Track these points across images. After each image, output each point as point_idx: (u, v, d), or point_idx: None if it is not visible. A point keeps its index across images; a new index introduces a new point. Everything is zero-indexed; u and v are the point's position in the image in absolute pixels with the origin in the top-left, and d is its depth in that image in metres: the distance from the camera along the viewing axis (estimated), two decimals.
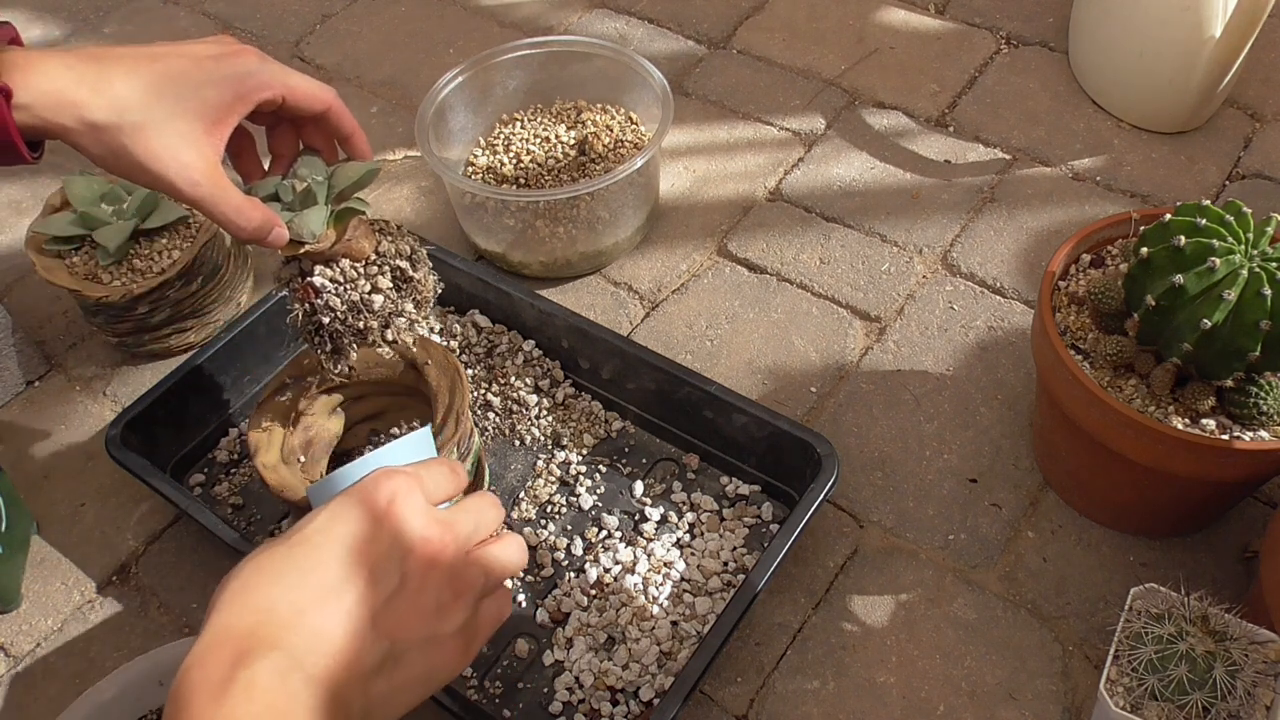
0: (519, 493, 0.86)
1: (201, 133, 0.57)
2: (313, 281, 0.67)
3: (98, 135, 0.55)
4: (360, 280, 0.68)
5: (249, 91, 0.59)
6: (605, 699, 0.74)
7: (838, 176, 1.11)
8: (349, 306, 0.68)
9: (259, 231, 0.61)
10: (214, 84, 0.58)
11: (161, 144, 0.56)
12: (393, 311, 0.69)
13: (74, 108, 0.54)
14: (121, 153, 0.55)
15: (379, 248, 0.69)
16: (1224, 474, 0.70)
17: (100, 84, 0.55)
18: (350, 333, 0.68)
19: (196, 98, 0.57)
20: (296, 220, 0.64)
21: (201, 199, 0.58)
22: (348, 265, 0.67)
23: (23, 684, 0.79)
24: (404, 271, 0.69)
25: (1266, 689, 0.63)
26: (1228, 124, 1.13)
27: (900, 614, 0.78)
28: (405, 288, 0.70)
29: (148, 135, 0.55)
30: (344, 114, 0.66)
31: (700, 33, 1.30)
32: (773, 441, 0.82)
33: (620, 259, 1.05)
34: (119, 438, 0.83)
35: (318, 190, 0.65)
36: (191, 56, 0.58)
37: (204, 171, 0.57)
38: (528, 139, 1.09)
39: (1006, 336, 0.95)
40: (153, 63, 0.57)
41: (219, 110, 0.58)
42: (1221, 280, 0.66)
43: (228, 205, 0.59)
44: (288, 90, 0.61)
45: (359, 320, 0.68)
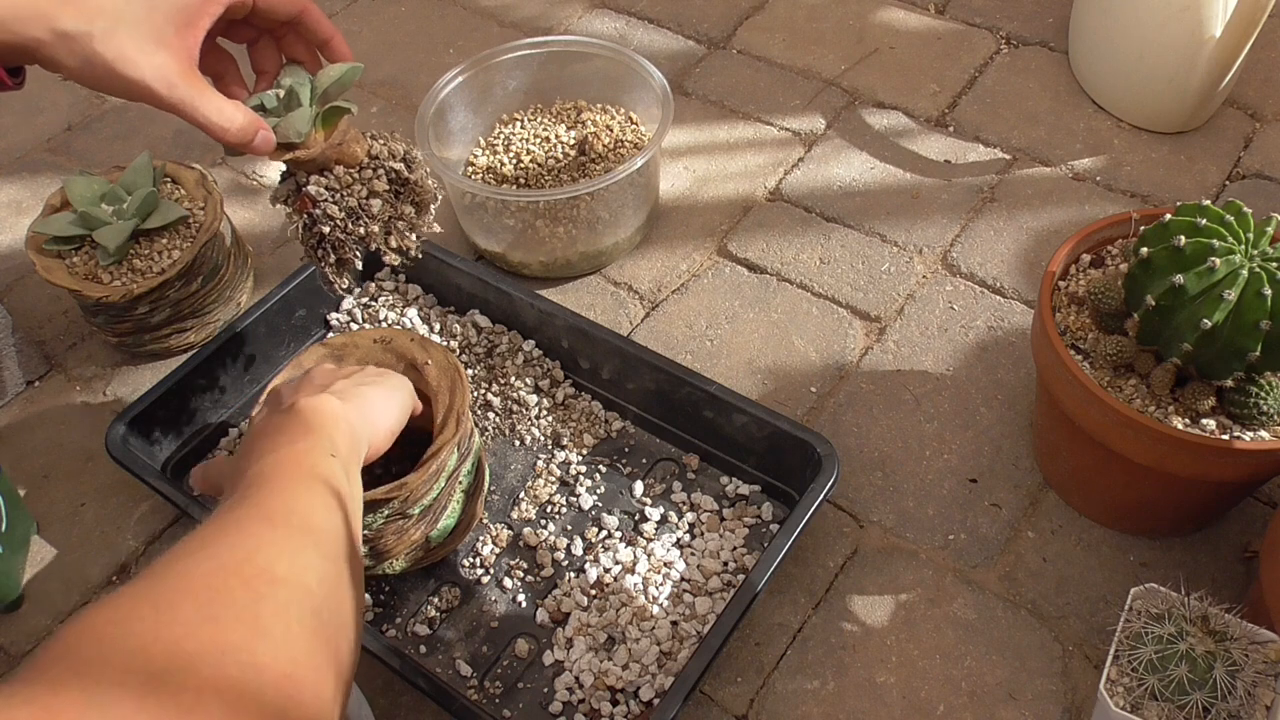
0: (519, 493, 0.86)
1: (174, 35, 0.57)
2: (309, 191, 0.66)
3: (69, 44, 0.54)
4: (356, 185, 0.67)
5: None
6: (605, 699, 0.74)
7: (838, 176, 1.11)
8: (347, 213, 0.67)
9: (243, 133, 0.60)
10: None
11: (135, 47, 0.55)
12: (393, 215, 0.68)
13: (44, 19, 0.53)
14: (94, 59, 0.54)
15: (372, 151, 0.68)
16: (1224, 474, 0.70)
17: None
18: (352, 240, 0.68)
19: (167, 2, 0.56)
20: (282, 123, 0.62)
21: (180, 101, 0.57)
22: (342, 172, 0.66)
23: None
24: (400, 174, 0.68)
25: (1266, 689, 0.63)
26: (1228, 124, 1.13)
27: (900, 614, 0.78)
28: (404, 191, 0.69)
29: (120, 39, 0.55)
30: (320, 17, 0.65)
31: (700, 33, 1.30)
32: (773, 441, 0.82)
33: (620, 259, 1.05)
34: (119, 438, 0.83)
35: (301, 91, 0.64)
36: None
37: (180, 73, 0.56)
38: (528, 139, 1.09)
39: (1006, 336, 0.95)
40: None
41: (190, 11, 0.57)
42: (1221, 280, 0.66)
43: (208, 106, 0.58)
44: None
45: (359, 226, 0.67)
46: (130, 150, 1.20)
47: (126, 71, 0.55)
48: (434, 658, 0.77)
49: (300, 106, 0.63)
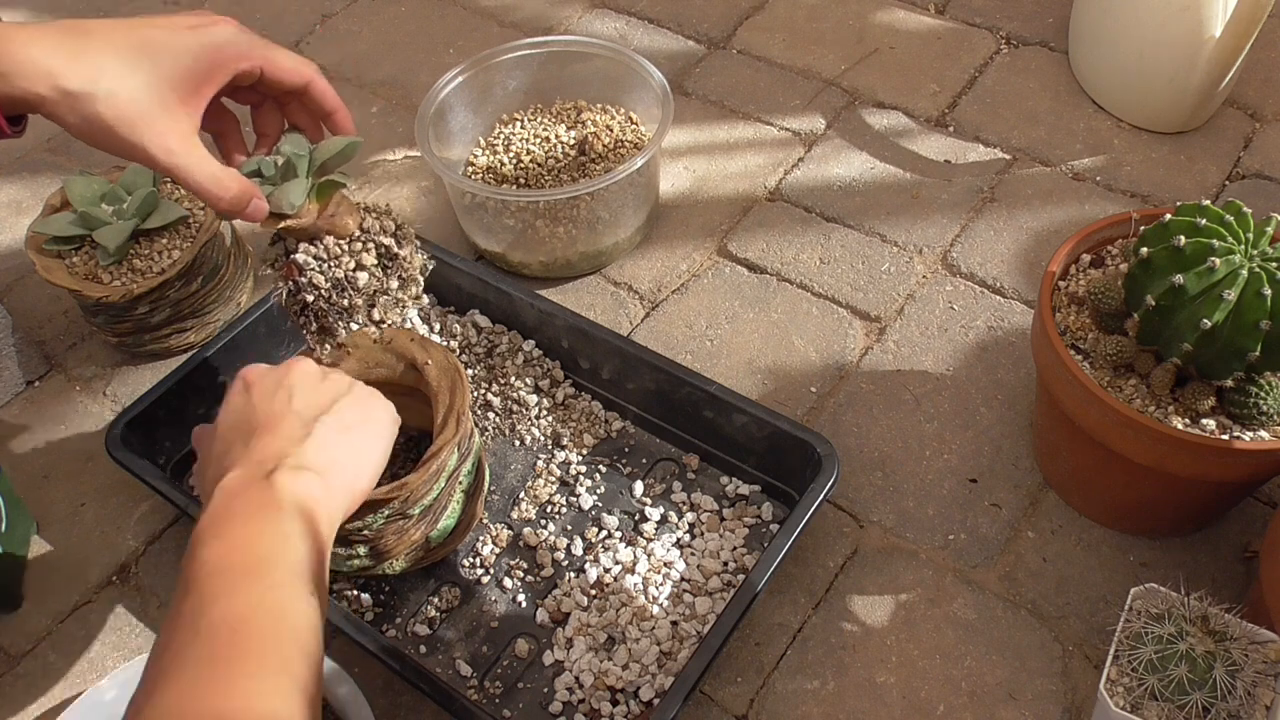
0: (519, 493, 0.86)
1: (177, 101, 0.57)
2: (296, 259, 0.66)
3: (72, 102, 0.54)
4: (344, 257, 0.67)
5: (227, 60, 0.59)
6: (605, 699, 0.74)
7: (838, 176, 1.11)
8: (333, 284, 0.67)
9: (236, 202, 0.60)
10: (191, 52, 0.57)
11: (136, 111, 0.55)
12: (378, 289, 0.69)
13: (50, 76, 0.54)
14: (95, 120, 0.55)
15: (363, 224, 0.68)
16: (1224, 474, 0.70)
17: (76, 53, 0.55)
18: (335, 311, 0.68)
19: (173, 66, 0.57)
20: (276, 192, 0.63)
21: (176, 166, 0.57)
22: (331, 242, 0.67)
23: (23, 684, 0.79)
24: (389, 249, 0.69)
25: (1266, 689, 0.63)
26: (1228, 124, 1.13)
27: (900, 614, 0.78)
28: (391, 265, 0.69)
29: (122, 102, 0.55)
30: (326, 90, 0.65)
31: (700, 33, 1.30)
32: (773, 441, 0.82)
33: (620, 259, 1.05)
34: (119, 438, 0.83)
35: (298, 163, 0.64)
36: (169, 26, 0.58)
37: (179, 139, 0.57)
38: (528, 139, 1.09)
39: (1006, 336, 0.95)
40: (129, 32, 0.57)
41: (196, 79, 0.57)
42: (1221, 280, 0.66)
43: (203, 173, 0.58)
44: (266, 61, 0.61)
45: (343, 298, 0.68)
46: None
47: (125, 134, 0.55)
48: (434, 658, 0.77)
49: (296, 177, 0.64)
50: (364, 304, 0.69)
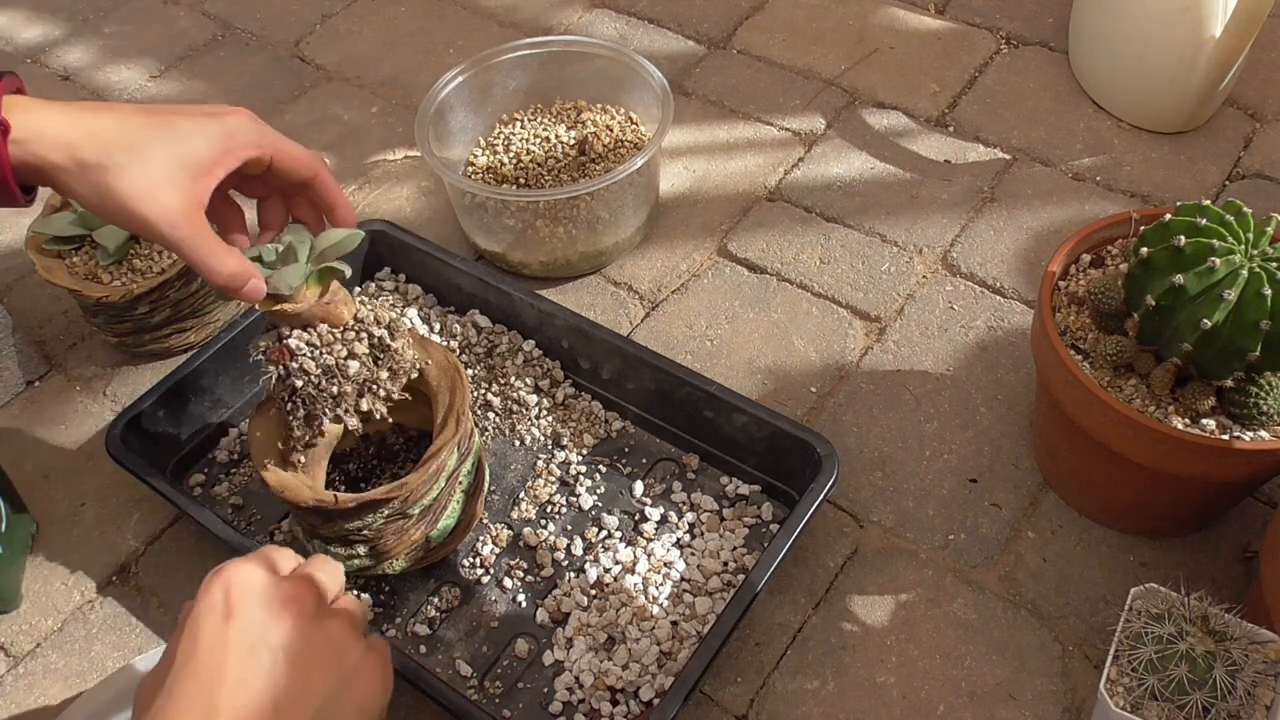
0: (519, 493, 0.86)
1: (187, 179, 0.59)
2: (288, 343, 0.67)
3: (86, 173, 0.57)
4: (337, 345, 0.68)
5: (238, 147, 0.61)
6: (605, 699, 0.74)
7: (838, 176, 1.11)
8: (323, 370, 0.68)
9: (234, 279, 0.62)
10: (204, 135, 0.60)
11: (145, 185, 0.57)
12: (368, 379, 0.70)
13: (67, 147, 0.56)
14: (106, 192, 0.57)
15: (357, 315, 0.70)
16: (1224, 474, 0.70)
17: (93, 127, 0.57)
18: (324, 398, 0.69)
19: (185, 146, 0.59)
20: (275, 275, 0.65)
21: (180, 240, 0.59)
22: (325, 330, 0.68)
23: (23, 684, 0.79)
24: (381, 340, 0.70)
25: (1266, 689, 0.63)
26: (1228, 124, 1.13)
27: (900, 614, 0.78)
28: (382, 357, 0.71)
29: (133, 176, 0.57)
30: (330, 183, 0.67)
31: (700, 33, 1.30)
32: (773, 441, 0.82)
33: (620, 259, 1.05)
34: (119, 438, 0.83)
35: (299, 249, 0.66)
36: (184, 112, 0.61)
37: (184, 215, 0.59)
38: (528, 139, 1.09)
39: (1006, 336, 0.95)
40: (146, 114, 0.59)
41: (206, 161, 0.60)
42: (1221, 280, 0.66)
43: (205, 250, 0.60)
44: (276, 150, 0.63)
45: (333, 385, 0.69)
46: None
47: (134, 207, 0.57)
48: (434, 658, 0.77)
49: (296, 262, 0.66)
50: (353, 392, 0.69)
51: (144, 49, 1.34)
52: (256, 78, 1.29)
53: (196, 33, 1.36)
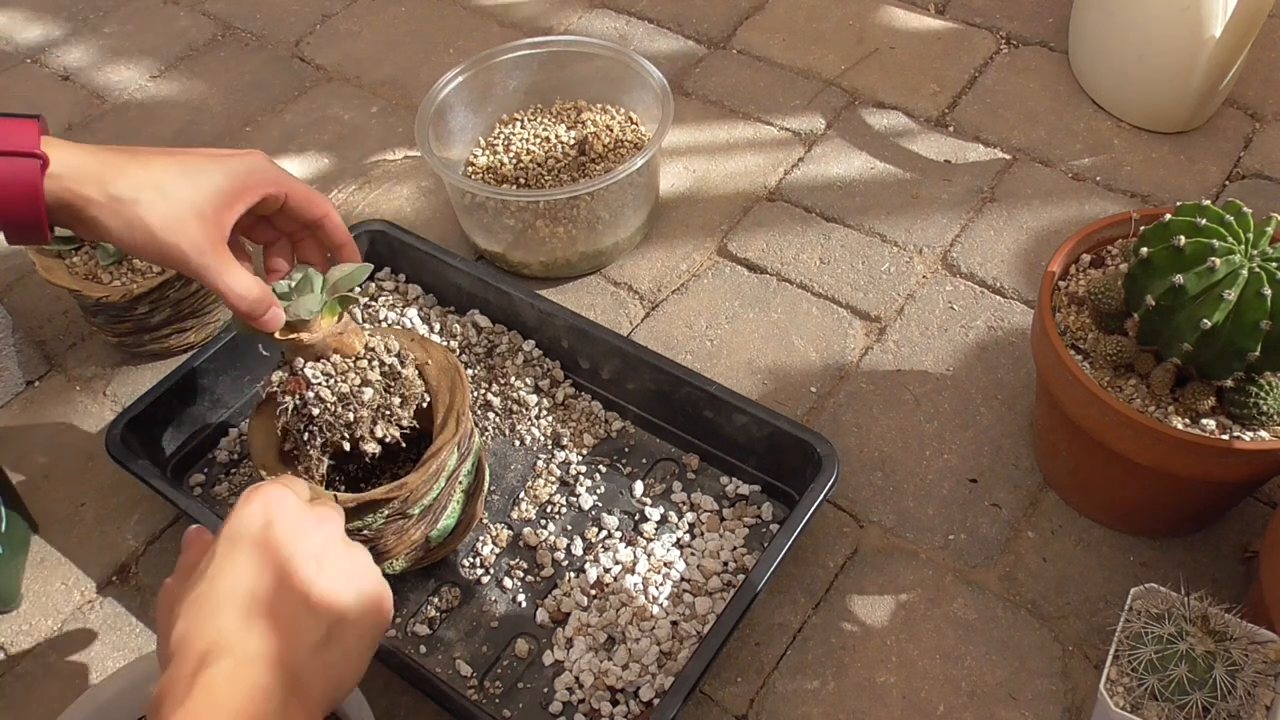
0: (519, 493, 0.86)
1: (210, 211, 0.63)
2: (304, 373, 0.70)
3: (117, 207, 0.60)
4: (350, 373, 0.71)
5: (257, 184, 0.65)
6: (605, 699, 0.74)
7: (838, 176, 1.11)
8: (339, 398, 0.70)
9: (257, 305, 0.65)
10: (226, 173, 0.64)
11: (175, 216, 0.61)
12: (381, 405, 0.72)
13: (100, 182, 0.60)
14: (137, 224, 0.60)
15: (368, 344, 0.72)
16: (1224, 474, 0.70)
17: (124, 166, 0.61)
18: (340, 424, 0.71)
19: (209, 183, 0.63)
20: (293, 304, 0.68)
21: (206, 267, 0.62)
22: (339, 359, 0.71)
23: (23, 684, 0.79)
24: (392, 367, 0.73)
25: (1266, 689, 0.63)
26: (1228, 124, 1.13)
27: (900, 614, 0.78)
28: (394, 384, 0.73)
29: (163, 209, 0.61)
30: (339, 223, 0.71)
31: (700, 33, 1.30)
32: (773, 441, 0.82)
33: (620, 259, 1.05)
34: (119, 438, 0.83)
35: (314, 280, 0.69)
36: (206, 153, 0.65)
37: (210, 244, 0.63)
38: (528, 139, 1.09)
39: (1006, 336, 0.95)
40: (170, 155, 0.63)
41: (228, 196, 0.63)
42: (1221, 280, 0.66)
43: (230, 276, 0.63)
44: (290, 189, 0.67)
45: (348, 411, 0.70)
46: None
47: (163, 237, 0.61)
48: (434, 658, 0.77)
49: (311, 292, 0.69)
50: (368, 418, 0.71)
51: (144, 49, 1.34)
52: (256, 78, 1.29)
53: (196, 33, 1.36)
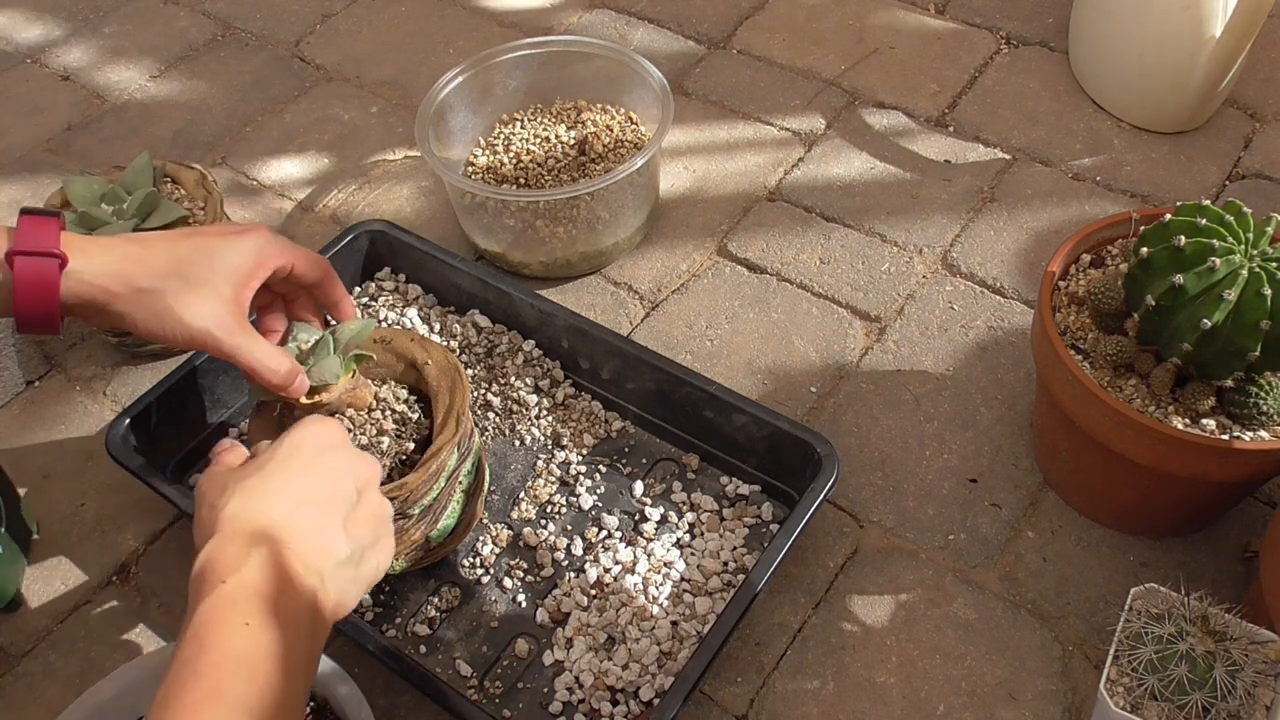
0: (519, 493, 0.86)
1: (230, 292, 0.65)
2: None
3: (143, 298, 0.62)
4: (368, 425, 0.73)
5: (267, 259, 0.68)
6: (605, 699, 0.74)
7: (838, 176, 1.11)
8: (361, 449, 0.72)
9: (288, 377, 0.67)
10: (239, 253, 0.66)
11: (201, 301, 0.64)
12: (398, 451, 0.74)
13: (123, 276, 0.62)
14: (165, 312, 0.63)
15: (379, 394, 0.75)
16: (1224, 474, 0.70)
17: (144, 258, 0.63)
18: None
19: (225, 265, 0.65)
20: (315, 369, 0.70)
21: (238, 346, 0.65)
22: (353, 413, 0.73)
23: (23, 684, 0.79)
24: (404, 414, 0.75)
25: (1266, 689, 0.63)
26: (1228, 124, 1.13)
27: (900, 614, 0.78)
28: (405, 429, 0.75)
29: (188, 296, 0.63)
30: (337, 282, 0.74)
31: (700, 33, 1.30)
32: (773, 441, 0.82)
33: (620, 259, 1.05)
34: (119, 438, 0.83)
35: (327, 343, 0.71)
36: (216, 233, 0.67)
37: (236, 323, 0.65)
38: (528, 139, 1.09)
39: (1006, 336, 0.95)
40: (184, 239, 0.65)
41: (244, 274, 0.66)
42: (1221, 280, 0.66)
43: (261, 353, 0.66)
44: (296, 258, 0.70)
45: None
46: (130, 150, 1.20)
47: (191, 322, 0.63)
48: (434, 658, 0.77)
49: (329, 355, 0.71)
50: (387, 465, 0.73)
51: (144, 49, 1.34)
52: (256, 78, 1.29)
53: (196, 33, 1.36)
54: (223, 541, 0.54)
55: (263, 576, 0.53)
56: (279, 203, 1.14)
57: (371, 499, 0.62)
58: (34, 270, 0.60)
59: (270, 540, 0.54)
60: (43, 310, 0.61)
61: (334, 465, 0.60)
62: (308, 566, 0.55)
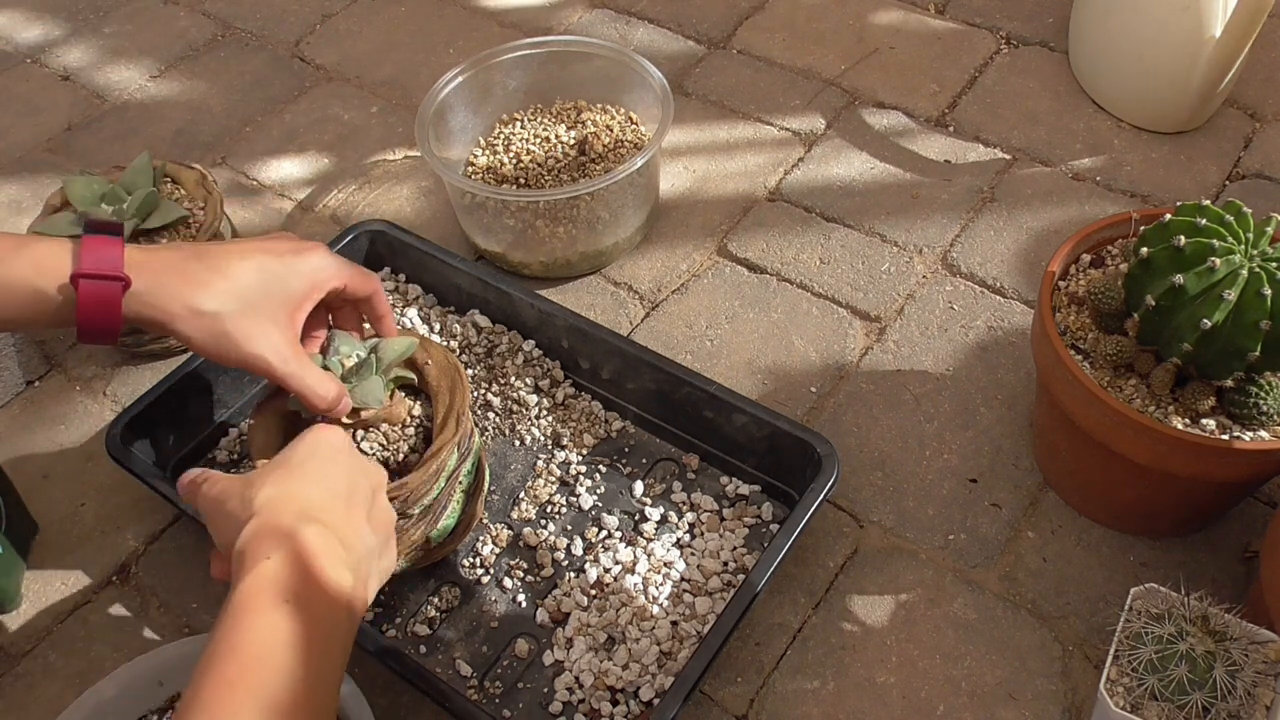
0: (519, 493, 0.86)
1: (285, 317, 0.67)
2: (362, 448, 0.73)
3: (201, 320, 0.63)
4: (400, 442, 0.74)
5: (322, 282, 0.69)
6: (605, 699, 0.74)
7: (838, 176, 1.11)
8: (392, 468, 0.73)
9: (334, 401, 0.69)
10: (296, 276, 0.67)
11: (257, 328, 0.65)
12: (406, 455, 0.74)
13: (182, 298, 0.63)
14: (223, 336, 0.64)
15: (412, 411, 0.75)
16: (1224, 474, 0.70)
17: (205, 281, 0.64)
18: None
19: (282, 289, 0.66)
20: (359, 391, 0.71)
21: (291, 374, 0.66)
22: (388, 429, 0.74)
23: (23, 684, 0.79)
24: (430, 431, 0.75)
25: (1266, 689, 0.63)
26: (1228, 124, 1.13)
27: (900, 614, 0.78)
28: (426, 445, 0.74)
29: (246, 322, 0.64)
30: (384, 298, 0.75)
31: (700, 33, 1.30)
32: (773, 441, 0.82)
33: (620, 259, 1.05)
34: (119, 438, 0.83)
35: (371, 362, 0.72)
36: (275, 252, 0.67)
37: (291, 349, 0.67)
38: (528, 139, 1.09)
39: (1006, 336, 0.95)
40: (243, 259, 0.66)
41: (299, 298, 0.67)
42: (1221, 280, 0.66)
43: (312, 379, 0.67)
44: (349, 279, 0.71)
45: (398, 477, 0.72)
46: (130, 150, 1.20)
47: (249, 348, 0.65)
48: (434, 658, 0.77)
49: (371, 376, 0.72)
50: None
51: (144, 49, 1.34)
52: (256, 78, 1.29)
53: (196, 33, 1.36)
54: (263, 523, 0.55)
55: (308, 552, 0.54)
56: (279, 203, 1.14)
57: (382, 502, 0.64)
58: (98, 293, 0.61)
59: (311, 520, 0.56)
60: (104, 328, 0.62)
61: (349, 465, 0.63)
62: (348, 548, 0.57)
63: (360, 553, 0.59)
